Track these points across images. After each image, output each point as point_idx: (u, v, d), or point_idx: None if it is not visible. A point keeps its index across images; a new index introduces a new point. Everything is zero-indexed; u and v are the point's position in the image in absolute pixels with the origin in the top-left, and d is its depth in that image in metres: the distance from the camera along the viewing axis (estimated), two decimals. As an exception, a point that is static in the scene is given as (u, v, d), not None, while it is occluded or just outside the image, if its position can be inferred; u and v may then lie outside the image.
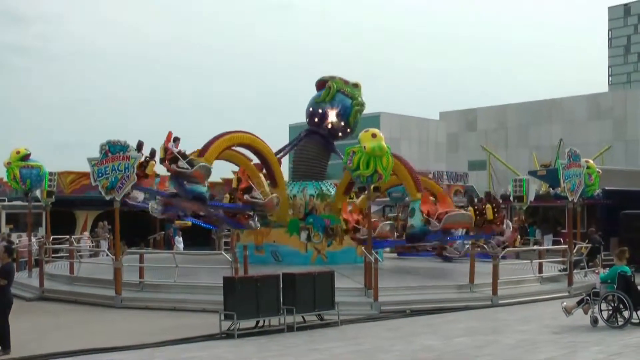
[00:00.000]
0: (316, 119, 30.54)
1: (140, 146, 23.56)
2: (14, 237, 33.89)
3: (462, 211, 26.95)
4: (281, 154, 31.66)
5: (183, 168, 23.81)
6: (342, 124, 30.36)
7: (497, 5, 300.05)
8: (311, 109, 30.80)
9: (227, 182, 38.19)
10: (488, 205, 28.72)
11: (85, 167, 22.96)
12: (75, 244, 29.55)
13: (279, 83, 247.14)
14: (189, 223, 33.06)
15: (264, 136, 28.59)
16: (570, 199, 25.22)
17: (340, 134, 30.84)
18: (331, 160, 32.33)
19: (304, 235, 27.87)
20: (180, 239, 38.34)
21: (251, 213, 26.34)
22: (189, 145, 25.82)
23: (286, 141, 32.95)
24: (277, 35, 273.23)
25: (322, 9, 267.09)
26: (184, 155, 24.23)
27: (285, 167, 42.12)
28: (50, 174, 28.09)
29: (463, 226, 27.06)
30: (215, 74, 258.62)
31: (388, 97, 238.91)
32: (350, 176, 24.55)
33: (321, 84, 30.79)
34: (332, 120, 30.15)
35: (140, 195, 26.25)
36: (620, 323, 17.12)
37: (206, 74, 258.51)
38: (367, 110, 32.53)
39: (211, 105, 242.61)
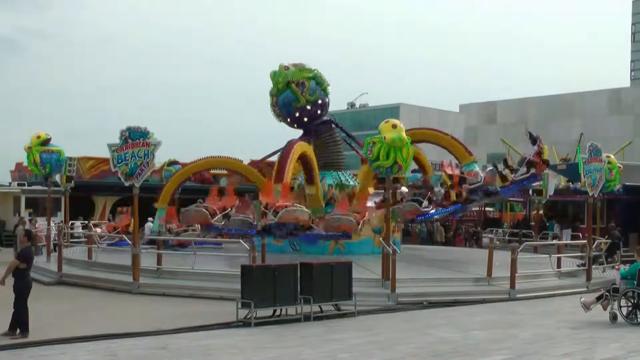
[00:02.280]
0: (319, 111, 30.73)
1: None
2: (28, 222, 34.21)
3: None
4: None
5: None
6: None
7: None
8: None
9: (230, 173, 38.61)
10: None
11: (105, 153, 23.03)
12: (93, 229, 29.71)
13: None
14: None
15: (281, 127, 29.10)
16: (590, 194, 25.05)
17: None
18: (348, 151, 32.30)
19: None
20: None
21: None
22: (210, 134, 26.56)
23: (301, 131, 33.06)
24: (295, 25, 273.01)
25: (341, 1, 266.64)
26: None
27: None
28: (70, 159, 28.20)
29: None
30: (235, 65, 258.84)
31: (408, 89, 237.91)
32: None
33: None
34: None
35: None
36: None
37: (227, 65, 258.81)
38: (387, 101, 32.88)
39: (230, 95, 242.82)
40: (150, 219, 37.94)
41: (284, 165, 26.63)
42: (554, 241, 31.66)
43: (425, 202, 28.06)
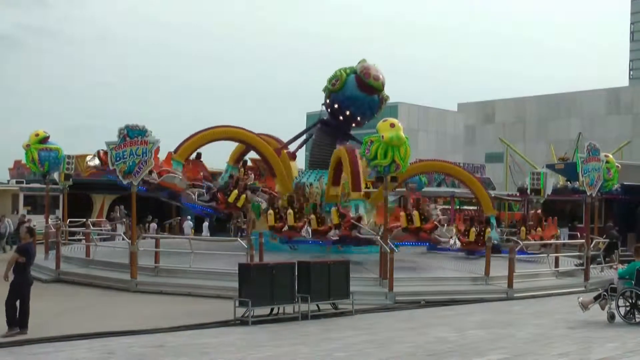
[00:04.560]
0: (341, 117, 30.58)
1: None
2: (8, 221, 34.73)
3: None
4: (299, 143, 32.16)
5: None
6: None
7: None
8: (357, 116, 30.64)
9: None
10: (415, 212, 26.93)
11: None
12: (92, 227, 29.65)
13: (297, 71, 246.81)
14: None
15: (282, 124, 28.96)
16: (588, 194, 25.05)
17: (354, 124, 31.01)
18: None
19: (319, 223, 27.71)
20: (191, 223, 38.60)
21: None
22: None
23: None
24: (297, 25, 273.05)
25: (341, 0, 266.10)
26: None
27: (301, 156, 42.22)
28: (68, 157, 28.17)
29: None
30: (234, 62, 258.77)
31: (406, 87, 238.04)
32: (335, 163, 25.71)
33: (368, 89, 29.89)
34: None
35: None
36: (637, 319, 17.00)
37: (225, 62, 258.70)
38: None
39: (230, 93, 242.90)
40: (189, 217, 38.17)
41: (358, 174, 27.06)
42: (552, 240, 31.61)
43: None
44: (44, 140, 27.35)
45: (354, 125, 30.98)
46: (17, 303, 14.82)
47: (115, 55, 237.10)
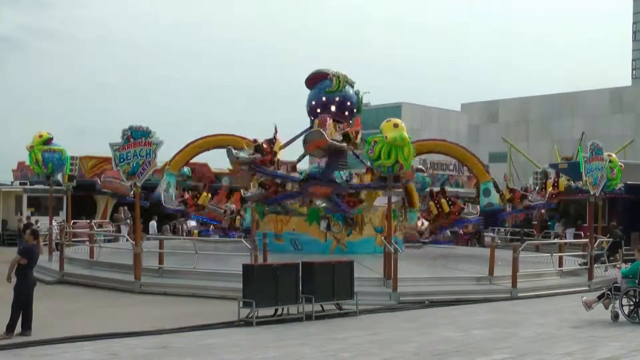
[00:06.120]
0: (319, 110, 30.55)
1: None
2: None
3: None
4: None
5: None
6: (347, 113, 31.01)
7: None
8: (313, 102, 30.77)
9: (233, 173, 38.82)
10: (443, 200, 30.80)
11: (107, 152, 23.05)
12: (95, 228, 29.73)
13: (299, 73, 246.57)
14: None
15: (284, 126, 29.07)
16: (592, 193, 25.05)
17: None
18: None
19: (323, 224, 27.83)
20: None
21: None
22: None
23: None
24: (297, 25, 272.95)
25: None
26: None
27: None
28: (72, 158, 28.27)
29: None
30: (236, 64, 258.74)
31: (409, 88, 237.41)
32: None
33: (316, 78, 30.81)
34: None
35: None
36: (641, 319, 16.98)
37: (227, 64, 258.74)
38: (389, 100, 32.64)
39: (231, 94, 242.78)
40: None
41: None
42: (556, 240, 31.63)
43: None
44: (48, 141, 27.43)
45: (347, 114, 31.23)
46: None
47: (117, 56, 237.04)
